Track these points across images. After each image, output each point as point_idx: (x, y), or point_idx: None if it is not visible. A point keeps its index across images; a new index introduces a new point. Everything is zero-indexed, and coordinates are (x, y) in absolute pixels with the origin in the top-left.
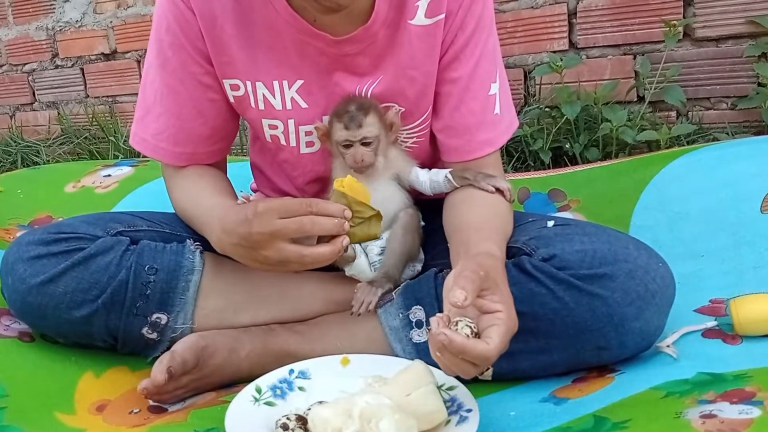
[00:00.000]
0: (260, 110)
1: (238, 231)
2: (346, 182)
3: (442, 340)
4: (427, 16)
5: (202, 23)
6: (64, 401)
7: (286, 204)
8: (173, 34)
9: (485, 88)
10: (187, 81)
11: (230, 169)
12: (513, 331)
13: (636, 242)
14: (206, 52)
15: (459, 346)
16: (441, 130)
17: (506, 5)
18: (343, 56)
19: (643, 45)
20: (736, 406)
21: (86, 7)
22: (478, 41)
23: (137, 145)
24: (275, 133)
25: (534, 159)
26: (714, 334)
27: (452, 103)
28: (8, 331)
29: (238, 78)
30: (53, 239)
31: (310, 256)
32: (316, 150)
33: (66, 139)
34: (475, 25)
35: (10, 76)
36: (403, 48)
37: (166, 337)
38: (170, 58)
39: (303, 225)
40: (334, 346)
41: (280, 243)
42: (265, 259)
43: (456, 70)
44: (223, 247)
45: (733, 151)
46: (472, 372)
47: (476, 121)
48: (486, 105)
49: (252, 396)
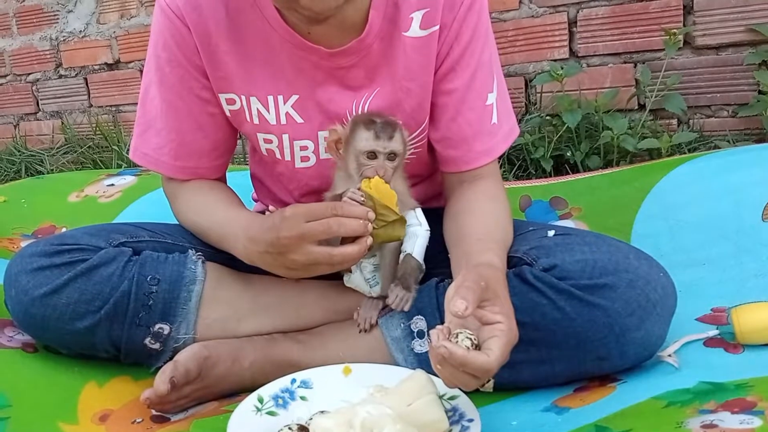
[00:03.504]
0: (255, 124)
1: (265, 238)
2: (373, 183)
3: (443, 353)
4: (421, 28)
5: (197, 39)
6: (67, 411)
7: (311, 208)
8: (170, 50)
9: (482, 98)
10: (186, 96)
11: (231, 178)
12: (513, 342)
13: (637, 252)
14: (203, 67)
15: (459, 359)
16: (439, 141)
17: (507, 14)
18: (338, 69)
19: (644, 53)
20: (737, 416)
21: (90, 17)
22: (474, 52)
23: (138, 159)
24: (270, 147)
25: (535, 167)
26: (716, 343)
27: (449, 114)
28: (11, 342)
29: (234, 92)
30: (56, 251)
31: (338, 255)
32: (312, 165)
33: (69, 149)
34: (470, 37)
35: (14, 86)
36: (399, 60)
37: (168, 347)
38: (168, 74)
39: (330, 226)
40: (336, 355)
41: (308, 246)
42: (293, 263)
43: (452, 81)
44: (250, 256)
45: (734, 159)
46: (473, 384)
47: (473, 132)
48: (483, 115)
49: (254, 406)
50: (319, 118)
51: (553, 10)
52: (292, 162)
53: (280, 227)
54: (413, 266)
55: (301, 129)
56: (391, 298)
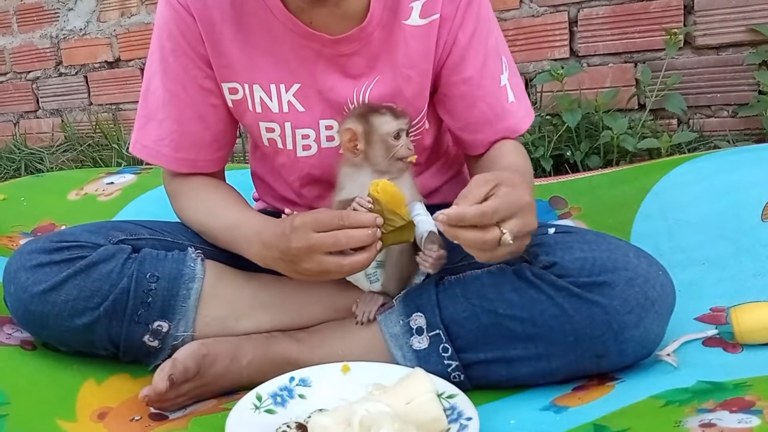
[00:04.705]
0: (257, 113)
1: (277, 245)
2: (381, 186)
3: (442, 219)
4: (421, 17)
5: (202, 27)
6: (65, 409)
7: (319, 218)
8: (174, 39)
9: (496, 81)
10: (189, 86)
11: (231, 176)
12: (518, 195)
13: (636, 250)
14: (207, 57)
15: (456, 215)
16: (462, 129)
17: (507, 13)
18: (339, 56)
19: (644, 53)
20: (736, 415)
21: (90, 15)
22: (481, 38)
23: (138, 152)
24: (272, 137)
25: (535, 166)
26: (714, 343)
27: (467, 102)
28: (10, 339)
29: (237, 81)
30: (55, 248)
31: (348, 264)
32: (313, 153)
33: (69, 147)
34: (475, 24)
35: (14, 83)
36: (399, 48)
37: (167, 345)
38: (172, 64)
39: (338, 240)
40: (335, 353)
41: (318, 256)
42: (306, 270)
43: (465, 70)
44: (265, 261)
45: (734, 159)
46: (489, 243)
47: (494, 114)
48: (500, 97)
49: (252, 404)
50: (320, 106)
51: (554, 9)
52: (294, 151)
53: (290, 237)
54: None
55: (302, 117)
56: (432, 254)
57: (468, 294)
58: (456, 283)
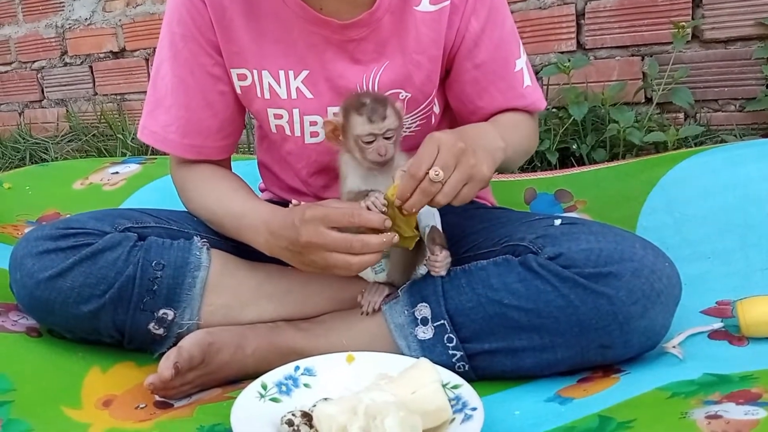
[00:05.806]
0: (266, 99)
1: (285, 235)
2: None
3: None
4: (432, 3)
5: (212, 13)
6: (70, 396)
7: (329, 214)
8: (185, 25)
9: (510, 66)
10: (197, 72)
11: (237, 167)
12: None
13: (642, 241)
14: (216, 43)
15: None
16: (475, 113)
17: (514, 6)
18: (348, 42)
19: (652, 46)
20: (742, 407)
21: (95, 5)
22: (495, 23)
23: (146, 137)
24: (280, 123)
25: (541, 159)
26: (720, 336)
27: (480, 86)
28: (16, 326)
29: (246, 67)
30: (61, 234)
31: (357, 264)
32: (321, 140)
33: (74, 137)
34: (488, 9)
35: (20, 73)
36: (410, 33)
37: (172, 333)
38: (181, 50)
39: (352, 246)
40: (340, 343)
41: (327, 252)
42: (313, 263)
43: (478, 55)
44: (272, 250)
45: (741, 153)
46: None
47: (506, 99)
48: (513, 82)
49: (257, 392)
50: (329, 93)
51: (561, 1)
52: (302, 138)
53: (300, 229)
54: (442, 235)
55: (311, 104)
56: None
57: (473, 284)
58: (461, 274)
